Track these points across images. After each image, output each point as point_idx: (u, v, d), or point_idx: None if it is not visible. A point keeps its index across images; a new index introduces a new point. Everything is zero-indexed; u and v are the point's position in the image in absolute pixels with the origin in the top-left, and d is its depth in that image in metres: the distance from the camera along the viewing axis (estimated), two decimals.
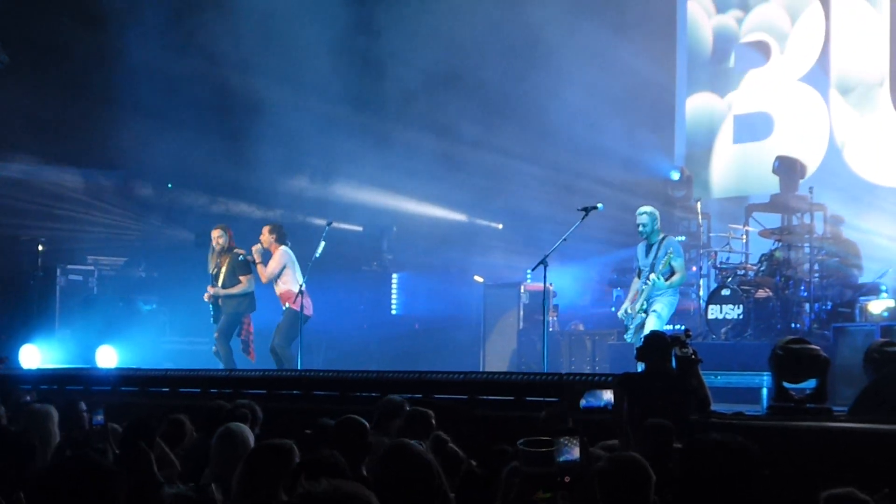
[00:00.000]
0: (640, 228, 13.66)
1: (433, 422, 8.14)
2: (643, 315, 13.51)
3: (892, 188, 18.70)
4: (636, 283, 13.89)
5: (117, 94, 21.02)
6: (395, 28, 21.16)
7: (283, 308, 15.54)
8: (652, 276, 13.44)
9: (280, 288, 15.53)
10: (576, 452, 5.27)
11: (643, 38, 20.69)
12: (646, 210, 13.74)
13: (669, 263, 13.44)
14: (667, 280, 13.45)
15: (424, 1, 21.17)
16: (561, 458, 5.28)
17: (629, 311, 13.71)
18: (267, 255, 15.61)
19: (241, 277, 15.70)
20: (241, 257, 15.70)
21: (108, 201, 22.76)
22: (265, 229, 15.74)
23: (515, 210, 21.42)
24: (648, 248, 13.70)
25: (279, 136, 21.54)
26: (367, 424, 7.41)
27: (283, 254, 15.53)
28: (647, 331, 12.89)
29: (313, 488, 3.60)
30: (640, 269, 13.94)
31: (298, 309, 15.20)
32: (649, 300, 13.52)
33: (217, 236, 15.90)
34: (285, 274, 15.48)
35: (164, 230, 22.79)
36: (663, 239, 13.66)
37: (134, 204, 22.88)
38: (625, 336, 14.04)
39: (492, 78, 21.25)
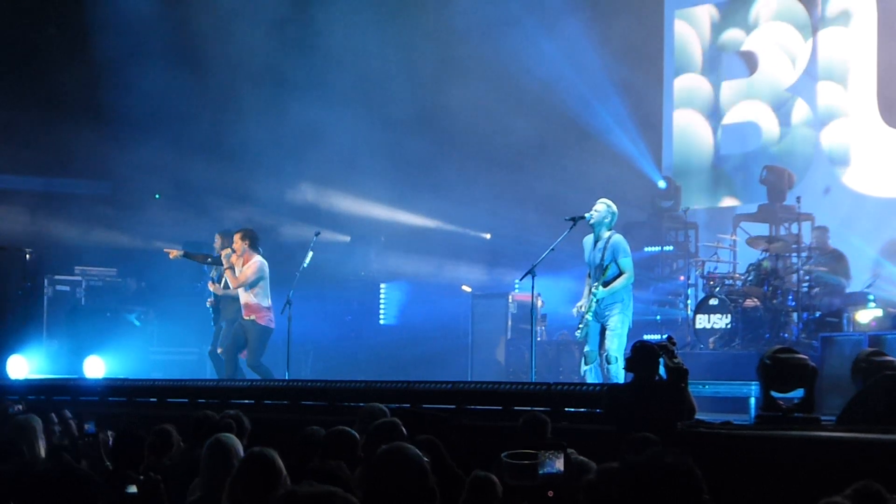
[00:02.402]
0: (593, 214, 12.95)
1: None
2: (593, 321, 12.84)
3: (880, 198, 18.72)
4: (589, 280, 13.18)
5: (105, 105, 20.97)
6: (383, 27, 21.26)
7: (245, 319, 15.24)
8: (594, 287, 12.84)
9: (248, 298, 15.19)
10: (559, 464, 5.20)
11: (631, 47, 20.68)
12: (607, 202, 13.08)
13: (616, 264, 12.83)
14: (612, 281, 12.76)
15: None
16: (544, 471, 5.21)
17: (582, 308, 13.06)
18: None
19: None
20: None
21: (96, 211, 22.69)
22: (237, 235, 15.39)
23: (503, 220, 21.39)
24: (595, 242, 13.03)
25: (267, 146, 21.53)
26: (358, 436, 7.39)
27: (260, 266, 15.27)
28: (609, 351, 12.74)
29: (297, 489, 3.61)
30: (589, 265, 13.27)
31: (264, 324, 15.06)
32: (601, 313, 12.86)
33: (220, 243, 15.90)
34: (259, 287, 15.24)
35: (152, 240, 22.70)
36: (610, 237, 12.98)
37: (121, 214, 22.80)
38: (575, 333, 13.32)
39: (479, 88, 21.22)
